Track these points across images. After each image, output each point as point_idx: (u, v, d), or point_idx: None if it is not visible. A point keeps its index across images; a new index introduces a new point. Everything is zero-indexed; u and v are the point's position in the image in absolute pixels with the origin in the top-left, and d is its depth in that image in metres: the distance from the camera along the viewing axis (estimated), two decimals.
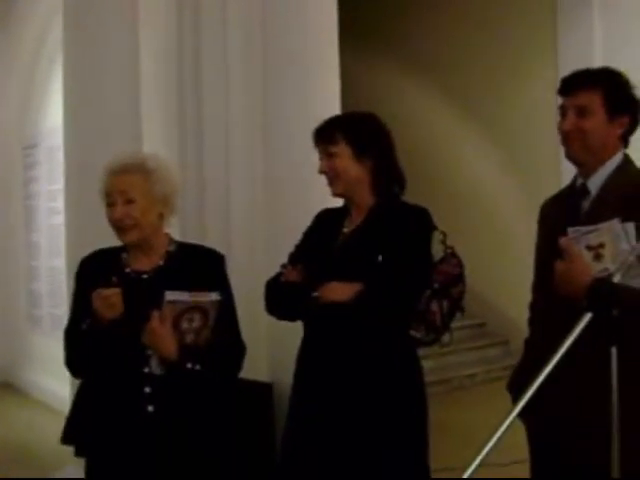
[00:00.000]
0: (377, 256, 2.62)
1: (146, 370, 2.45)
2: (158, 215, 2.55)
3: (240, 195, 4.56)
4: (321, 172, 2.78)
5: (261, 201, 4.51)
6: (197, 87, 4.65)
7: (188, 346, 2.41)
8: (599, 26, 6.68)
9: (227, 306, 2.53)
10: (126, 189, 2.48)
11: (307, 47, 4.35)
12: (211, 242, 3.90)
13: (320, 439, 2.66)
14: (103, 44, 4.27)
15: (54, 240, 6.63)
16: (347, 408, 2.61)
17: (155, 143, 4.43)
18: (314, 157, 2.86)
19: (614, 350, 1.81)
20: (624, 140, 2.40)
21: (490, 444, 1.52)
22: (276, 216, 4.36)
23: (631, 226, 2.09)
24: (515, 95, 7.84)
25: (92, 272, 2.57)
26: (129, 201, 2.48)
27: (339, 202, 2.92)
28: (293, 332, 2.92)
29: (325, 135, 2.77)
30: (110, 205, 2.51)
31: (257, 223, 4.50)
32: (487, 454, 1.59)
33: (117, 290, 2.40)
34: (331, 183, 2.77)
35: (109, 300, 2.38)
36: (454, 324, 2.73)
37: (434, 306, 2.63)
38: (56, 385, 5.79)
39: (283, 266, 2.82)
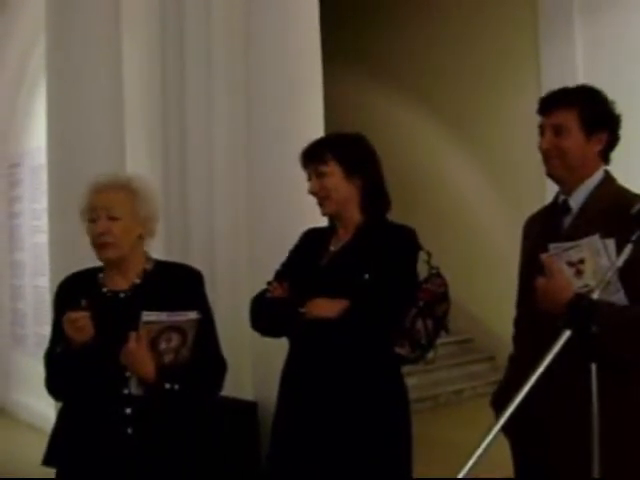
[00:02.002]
0: (364, 274, 2.63)
1: (125, 391, 2.43)
2: (138, 235, 2.55)
3: (224, 213, 4.57)
4: (311, 192, 2.80)
5: (244, 219, 4.51)
6: (180, 106, 4.66)
7: (167, 366, 2.39)
8: (581, 43, 6.74)
9: (206, 323, 2.52)
10: (111, 206, 2.48)
11: (291, 67, 4.37)
12: (195, 260, 3.91)
13: (305, 456, 2.65)
14: (86, 64, 4.29)
15: (38, 259, 6.60)
16: (331, 425, 2.61)
17: (138, 163, 4.44)
18: (298, 176, 2.87)
19: (594, 367, 1.82)
20: (604, 156, 2.43)
21: (471, 461, 1.52)
22: (259, 235, 4.36)
23: (611, 242, 2.10)
24: (498, 112, 7.90)
25: (68, 294, 2.56)
26: (112, 218, 2.48)
27: (323, 220, 2.93)
28: (278, 350, 2.92)
29: (315, 155, 2.78)
30: (92, 220, 2.50)
31: (241, 241, 4.50)
32: (470, 470, 1.59)
33: (85, 314, 2.38)
34: (322, 203, 2.79)
35: (76, 324, 2.36)
36: (440, 340, 2.74)
37: (419, 324, 2.63)
38: (40, 404, 5.74)
39: (269, 283, 2.82)
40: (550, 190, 2.56)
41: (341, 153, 2.75)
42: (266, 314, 2.79)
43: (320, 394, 2.64)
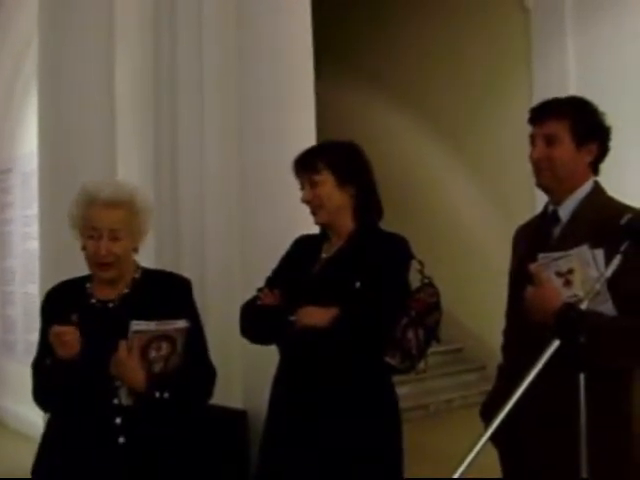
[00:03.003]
0: (355, 283, 2.63)
1: (115, 401, 2.42)
2: (133, 249, 2.56)
3: (215, 219, 4.57)
4: (304, 201, 2.79)
5: (236, 226, 4.51)
6: (172, 112, 4.66)
7: (157, 375, 2.39)
8: (573, 54, 6.77)
9: (195, 331, 2.51)
10: (115, 227, 2.46)
11: (283, 71, 4.39)
12: (186, 267, 3.91)
13: (295, 465, 2.64)
14: (78, 71, 4.28)
15: (29, 266, 6.58)
16: (321, 434, 2.60)
17: (130, 170, 4.44)
18: (290, 182, 2.86)
19: (582, 376, 1.82)
20: (594, 167, 2.44)
21: (461, 469, 1.53)
22: (252, 241, 4.36)
23: (600, 252, 2.11)
24: (491, 122, 7.92)
25: (56, 304, 2.55)
26: (115, 239, 2.46)
27: (316, 227, 2.93)
28: (268, 358, 2.92)
29: (307, 164, 2.78)
30: (94, 238, 2.47)
31: (232, 248, 4.50)
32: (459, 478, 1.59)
33: (72, 329, 2.36)
34: (315, 212, 2.79)
35: (61, 338, 2.35)
36: (430, 349, 2.73)
37: (410, 334, 2.61)
38: (29, 412, 5.70)
39: (260, 290, 2.82)
40: (540, 201, 2.57)
41: (334, 162, 2.75)
42: (256, 322, 2.79)
43: (310, 403, 2.63)
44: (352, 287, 2.63)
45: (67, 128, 4.31)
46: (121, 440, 2.40)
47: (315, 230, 2.93)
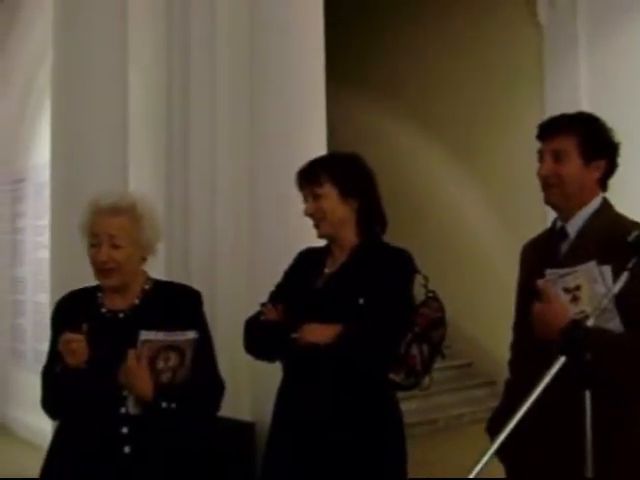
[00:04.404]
0: (358, 298, 2.61)
1: (123, 410, 2.42)
2: (140, 259, 2.56)
3: (225, 233, 4.58)
4: (307, 214, 2.78)
5: (245, 239, 4.52)
6: (185, 123, 4.68)
7: (164, 385, 2.39)
8: (585, 70, 6.78)
9: (204, 343, 2.51)
10: (115, 234, 2.47)
11: (294, 82, 4.40)
12: (195, 280, 3.91)
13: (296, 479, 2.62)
14: (91, 82, 4.31)
15: (40, 275, 6.61)
16: (324, 450, 2.59)
17: (142, 181, 4.46)
18: (299, 197, 2.85)
19: (587, 394, 1.82)
20: (602, 184, 2.43)
21: None
22: (260, 255, 4.36)
23: (608, 269, 2.11)
24: (501, 136, 7.92)
25: (67, 314, 2.56)
26: (115, 246, 2.47)
27: (322, 241, 2.92)
28: (276, 371, 2.91)
29: (310, 177, 2.77)
30: (95, 245, 2.49)
31: (241, 262, 4.50)
32: None
33: (80, 337, 2.37)
34: (318, 225, 2.77)
35: (69, 346, 2.36)
36: (440, 364, 2.70)
37: (414, 350, 2.60)
38: (38, 421, 5.70)
39: (263, 305, 2.80)
40: (551, 216, 2.56)
41: (336, 174, 2.73)
42: (259, 338, 2.77)
43: (312, 418, 2.61)
44: (355, 303, 2.61)
45: (79, 139, 4.33)
46: (127, 450, 2.40)
47: (323, 243, 2.91)
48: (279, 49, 4.42)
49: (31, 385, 6.27)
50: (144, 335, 2.35)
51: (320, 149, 4.16)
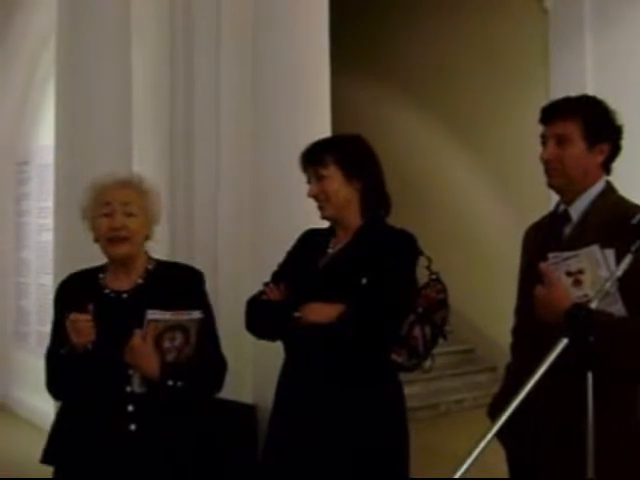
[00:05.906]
0: (361, 278, 2.61)
1: (128, 389, 2.44)
2: (144, 236, 2.58)
3: (227, 214, 4.59)
4: (310, 196, 2.77)
5: (248, 220, 4.53)
6: (188, 105, 4.69)
7: (170, 364, 2.41)
8: (591, 56, 6.73)
9: (207, 322, 2.53)
10: (128, 201, 2.51)
11: (298, 68, 4.40)
12: (199, 260, 3.92)
13: (299, 461, 2.63)
14: (95, 66, 4.31)
15: (43, 257, 6.62)
16: (326, 431, 2.59)
17: (145, 165, 4.45)
18: (303, 180, 2.85)
19: (590, 375, 1.82)
20: (605, 167, 2.43)
21: (464, 467, 1.53)
22: (263, 235, 4.37)
23: (610, 252, 2.10)
24: (506, 121, 7.89)
25: (70, 295, 2.58)
26: (129, 214, 2.50)
27: (325, 224, 2.91)
28: (278, 353, 2.91)
29: (314, 158, 2.75)
30: (108, 214, 2.50)
31: (244, 242, 4.51)
32: (464, 475, 1.59)
33: (87, 317, 2.39)
34: (321, 206, 2.76)
35: (76, 325, 2.38)
36: (442, 349, 2.70)
37: (416, 331, 2.59)
38: (41, 402, 5.75)
39: (266, 284, 2.80)
40: (554, 200, 2.56)
41: (340, 156, 2.72)
42: (261, 317, 2.77)
43: (315, 399, 2.62)
44: (358, 283, 2.61)
45: (83, 122, 4.34)
46: (132, 427, 2.43)
47: (327, 224, 2.90)
48: (284, 35, 4.41)
49: (34, 367, 6.32)
50: (151, 314, 2.37)
51: (324, 132, 4.15)
